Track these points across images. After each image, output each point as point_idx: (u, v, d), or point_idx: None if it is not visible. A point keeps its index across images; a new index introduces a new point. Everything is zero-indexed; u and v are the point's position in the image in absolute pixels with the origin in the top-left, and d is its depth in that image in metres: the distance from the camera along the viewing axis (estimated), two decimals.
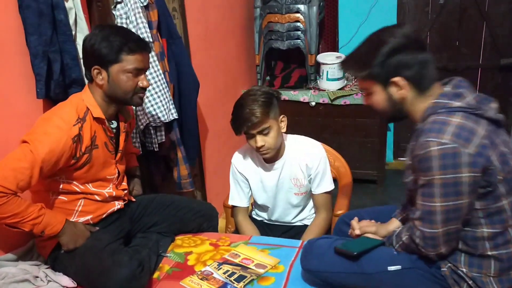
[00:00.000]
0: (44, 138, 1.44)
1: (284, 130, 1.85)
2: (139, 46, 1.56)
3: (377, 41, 1.26)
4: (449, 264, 1.31)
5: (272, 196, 1.95)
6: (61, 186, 1.57)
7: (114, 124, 1.68)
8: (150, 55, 2.01)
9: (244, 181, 1.97)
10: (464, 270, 1.29)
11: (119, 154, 1.70)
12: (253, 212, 2.13)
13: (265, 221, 2.08)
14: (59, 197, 1.59)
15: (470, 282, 1.28)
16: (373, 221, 1.58)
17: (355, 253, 1.38)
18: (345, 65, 1.37)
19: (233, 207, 2.03)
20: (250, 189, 1.99)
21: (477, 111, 1.21)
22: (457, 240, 1.27)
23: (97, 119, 1.58)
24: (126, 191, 1.77)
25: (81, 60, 1.75)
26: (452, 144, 1.15)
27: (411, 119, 1.35)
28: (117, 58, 1.52)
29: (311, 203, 2.02)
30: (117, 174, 1.70)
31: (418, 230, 1.26)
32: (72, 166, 1.54)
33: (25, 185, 1.41)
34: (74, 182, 1.59)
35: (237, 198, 1.99)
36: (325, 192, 1.92)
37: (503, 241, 1.25)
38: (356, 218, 1.58)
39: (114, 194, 1.69)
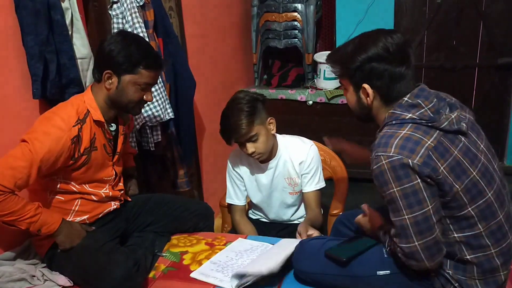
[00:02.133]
0: (43, 137, 1.45)
1: (273, 131, 1.87)
2: (156, 64, 1.60)
3: (359, 46, 1.29)
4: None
5: (267, 195, 1.97)
6: (58, 186, 1.58)
7: (113, 127, 1.69)
8: None
9: (240, 180, 1.99)
10: (450, 272, 1.30)
11: (116, 156, 1.71)
12: (250, 211, 2.14)
13: (262, 219, 2.09)
14: (57, 196, 1.60)
15: (456, 285, 1.29)
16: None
17: (344, 259, 1.39)
18: (328, 58, 1.40)
19: (230, 205, 2.05)
20: (246, 188, 2.00)
21: (429, 122, 1.23)
22: (441, 253, 1.26)
23: (96, 122, 1.59)
24: (122, 192, 1.78)
25: (78, 60, 1.76)
26: (398, 156, 1.19)
27: (377, 125, 1.38)
28: (133, 70, 1.55)
29: None
30: (114, 176, 1.71)
31: (398, 247, 1.27)
32: (70, 166, 1.54)
33: (23, 183, 1.42)
34: (71, 182, 1.60)
35: (234, 196, 2.01)
36: (316, 190, 1.93)
37: (478, 245, 1.25)
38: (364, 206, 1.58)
39: (110, 194, 1.70)
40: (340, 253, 1.42)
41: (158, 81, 2.08)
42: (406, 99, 1.27)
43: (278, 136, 1.94)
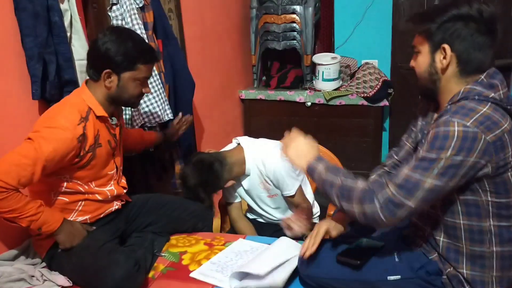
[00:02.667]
0: (49, 136, 1.45)
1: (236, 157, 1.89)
2: (152, 57, 1.64)
3: (452, 3, 1.23)
4: (449, 269, 1.30)
5: (252, 199, 2.03)
6: (64, 185, 1.58)
7: (114, 120, 1.70)
8: None
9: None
10: (464, 272, 1.27)
11: (117, 149, 1.72)
12: (247, 213, 2.16)
13: (258, 219, 2.11)
14: (61, 197, 1.59)
15: (467, 287, 1.27)
16: None
17: (358, 262, 1.36)
18: (416, 14, 1.33)
19: (227, 204, 2.07)
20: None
21: (508, 105, 1.20)
22: (404, 220, 1.22)
23: (100, 118, 1.60)
24: (125, 190, 1.78)
25: (77, 62, 1.77)
26: (475, 129, 1.14)
27: (437, 103, 1.32)
28: (133, 67, 1.57)
29: None
30: (115, 169, 1.72)
31: (390, 192, 1.19)
32: (76, 164, 1.55)
33: (27, 181, 1.42)
34: (78, 182, 1.60)
35: (228, 195, 2.06)
36: (288, 196, 1.93)
37: (509, 237, 1.24)
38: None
39: (115, 192, 1.71)
40: (353, 256, 1.39)
41: (158, 82, 2.09)
42: (483, 77, 1.22)
43: (245, 148, 1.92)
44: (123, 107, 1.85)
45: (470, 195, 1.23)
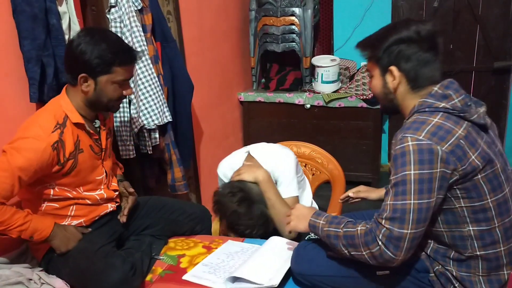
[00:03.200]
0: (20, 147, 1.43)
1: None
2: (130, 58, 1.56)
3: (391, 29, 1.32)
4: (437, 267, 1.33)
5: None
6: (51, 192, 1.56)
7: (97, 123, 1.66)
8: (144, 58, 2.03)
9: None
10: (452, 270, 1.30)
11: (103, 154, 1.69)
12: None
13: None
14: (51, 204, 1.58)
15: (457, 285, 1.30)
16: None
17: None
18: (359, 43, 1.41)
19: None
20: None
21: (460, 113, 1.24)
22: (414, 250, 1.25)
23: (76, 124, 1.56)
24: (117, 192, 1.77)
25: None
26: (427, 141, 1.19)
27: (402, 115, 1.38)
28: (109, 70, 1.51)
29: None
30: (105, 174, 1.70)
31: (386, 228, 1.21)
32: (59, 172, 1.52)
33: (8, 194, 1.41)
34: (65, 188, 1.58)
35: None
36: (291, 197, 1.88)
37: (491, 240, 1.27)
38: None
39: (105, 196, 1.69)
40: None
41: (156, 85, 2.09)
42: (436, 89, 1.28)
43: (255, 152, 1.91)
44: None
45: (445, 204, 1.26)
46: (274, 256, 1.60)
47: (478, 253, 1.27)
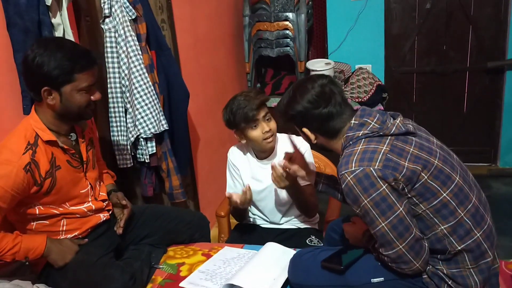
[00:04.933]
0: None
1: None
2: (89, 62, 1.49)
3: (289, 100, 1.48)
4: (429, 267, 1.35)
5: (263, 192, 1.98)
6: (37, 212, 1.54)
7: (74, 137, 1.62)
8: (139, 67, 2.04)
9: (238, 173, 2.02)
10: (443, 269, 1.33)
11: (85, 166, 1.66)
12: (250, 219, 2.15)
13: (261, 226, 2.10)
14: (40, 222, 1.57)
15: (450, 282, 1.32)
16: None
17: (342, 267, 1.41)
18: (276, 109, 1.59)
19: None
20: (242, 182, 2.01)
21: (380, 132, 1.35)
22: (424, 249, 1.31)
23: (48, 142, 1.51)
24: (106, 202, 1.75)
25: None
26: (359, 168, 1.29)
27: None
28: (70, 78, 1.45)
29: None
30: (89, 186, 1.66)
31: (384, 256, 1.33)
32: (38, 192, 1.49)
33: None
34: (50, 206, 1.55)
35: (233, 188, 2.04)
36: (309, 184, 1.93)
37: (464, 231, 1.30)
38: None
39: (93, 207, 1.67)
40: (336, 262, 1.44)
41: (152, 93, 2.09)
42: (353, 121, 1.40)
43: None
44: (90, 121, 1.73)
45: (411, 214, 1.31)
46: (272, 263, 1.61)
47: (459, 247, 1.30)
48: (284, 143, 1.97)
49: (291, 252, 1.67)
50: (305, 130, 1.49)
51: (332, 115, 1.42)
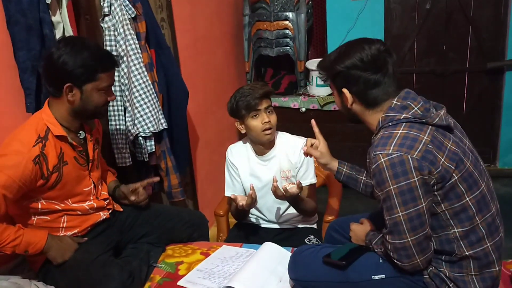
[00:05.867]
0: (2, 165, 1.42)
1: None
2: (112, 63, 1.58)
3: (339, 55, 1.40)
4: (431, 268, 1.35)
5: (262, 189, 1.98)
6: (39, 206, 1.55)
7: (82, 135, 1.66)
8: (138, 66, 2.04)
9: (237, 171, 2.02)
10: (445, 271, 1.32)
11: (90, 164, 1.68)
12: (249, 218, 2.14)
13: (260, 225, 2.10)
14: (42, 217, 1.58)
15: (451, 285, 1.32)
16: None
17: (344, 263, 1.40)
18: (317, 65, 1.50)
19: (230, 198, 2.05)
20: (241, 181, 2.02)
21: (422, 119, 1.30)
22: (430, 248, 1.31)
23: (59, 137, 1.55)
24: (108, 200, 1.76)
25: None
26: (397, 153, 1.24)
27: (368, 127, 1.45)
28: (93, 77, 1.52)
29: None
30: (92, 185, 1.68)
31: (389, 243, 1.31)
32: (44, 186, 1.51)
33: None
34: (53, 201, 1.57)
35: (232, 187, 2.04)
36: (310, 184, 1.96)
37: (476, 238, 1.29)
38: None
39: (95, 205, 1.68)
40: (338, 258, 1.43)
41: (151, 92, 2.09)
42: (395, 102, 1.34)
43: (279, 134, 2.01)
44: (96, 121, 1.77)
45: (430, 211, 1.29)
46: (270, 264, 1.60)
47: (467, 253, 1.29)
48: (283, 141, 1.97)
49: (289, 252, 1.66)
50: (344, 90, 1.39)
51: (378, 83, 1.35)
